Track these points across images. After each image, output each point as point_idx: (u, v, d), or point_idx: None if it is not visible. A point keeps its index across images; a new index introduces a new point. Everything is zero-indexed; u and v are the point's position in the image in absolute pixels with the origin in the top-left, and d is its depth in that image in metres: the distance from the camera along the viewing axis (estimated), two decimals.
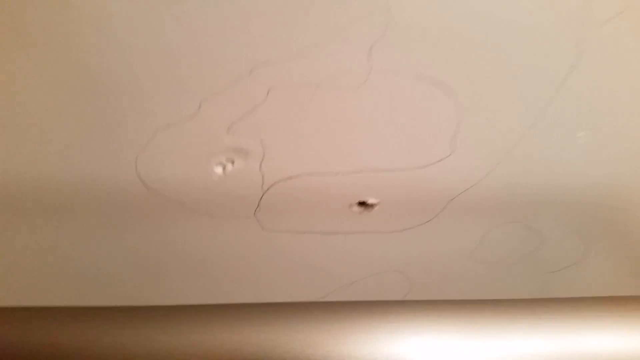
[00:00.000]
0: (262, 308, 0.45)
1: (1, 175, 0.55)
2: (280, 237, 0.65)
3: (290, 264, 0.69)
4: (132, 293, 0.70)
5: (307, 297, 0.75)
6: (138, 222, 0.60)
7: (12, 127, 0.50)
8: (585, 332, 0.44)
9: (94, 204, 0.58)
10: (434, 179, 0.58)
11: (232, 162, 0.54)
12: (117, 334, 0.43)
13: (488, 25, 0.44)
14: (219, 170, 0.55)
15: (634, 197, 0.63)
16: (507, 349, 0.43)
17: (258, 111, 0.48)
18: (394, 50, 0.44)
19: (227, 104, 0.47)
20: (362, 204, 0.61)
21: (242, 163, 0.54)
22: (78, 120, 0.49)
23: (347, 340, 0.42)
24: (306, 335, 0.43)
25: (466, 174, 0.58)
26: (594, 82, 0.49)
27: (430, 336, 0.43)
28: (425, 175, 0.57)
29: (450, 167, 0.56)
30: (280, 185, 0.57)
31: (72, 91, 0.47)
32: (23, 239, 0.64)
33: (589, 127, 0.53)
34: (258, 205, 0.60)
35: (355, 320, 0.43)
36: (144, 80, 0.46)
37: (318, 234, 0.65)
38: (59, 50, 0.43)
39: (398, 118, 0.50)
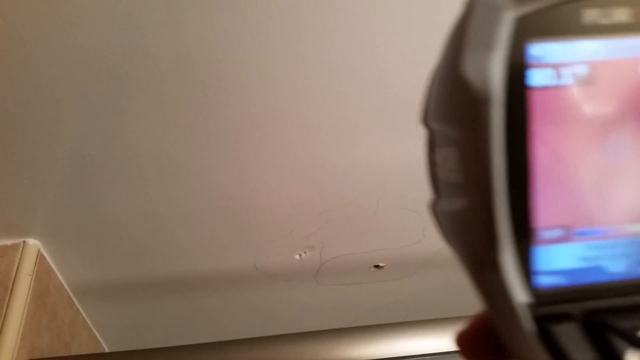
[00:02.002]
0: (318, 333, 0.89)
1: (156, 267, 0.99)
2: (329, 288, 1.10)
3: (334, 303, 1.14)
4: (242, 330, 1.14)
5: (344, 320, 1.20)
6: (250, 289, 1.05)
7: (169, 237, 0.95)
8: None
9: (225, 283, 1.03)
10: (415, 251, 1.03)
11: (305, 252, 0.99)
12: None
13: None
14: (297, 257, 1.00)
15: None
16: None
17: (321, 234, 0.94)
18: (394, 201, 0.90)
19: (308, 232, 0.92)
20: (376, 266, 1.06)
21: (310, 252, 0.99)
22: (224, 238, 0.94)
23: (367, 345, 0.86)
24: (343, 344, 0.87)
25: (432, 246, 1.03)
26: None
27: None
28: (410, 249, 1.03)
29: (423, 244, 1.02)
30: (330, 261, 1.02)
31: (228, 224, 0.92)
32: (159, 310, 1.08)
33: None
34: (317, 272, 1.05)
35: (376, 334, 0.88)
36: (272, 215, 0.91)
37: (351, 285, 1.10)
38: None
39: (392, 228, 0.96)
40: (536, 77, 0.21)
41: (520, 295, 0.21)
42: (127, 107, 0.65)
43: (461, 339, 0.24)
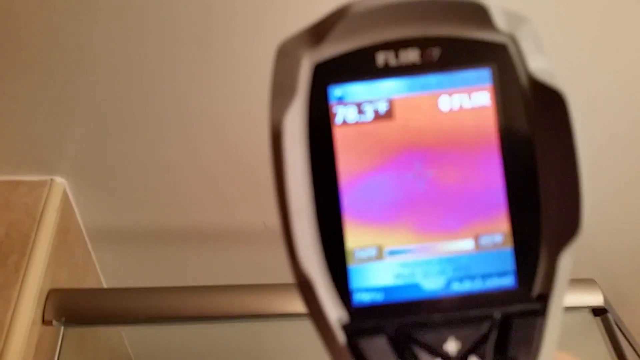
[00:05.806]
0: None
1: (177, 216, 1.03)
2: None
3: None
4: None
5: None
6: (258, 246, 1.09)
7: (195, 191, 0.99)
8: None
9: (234, 238, 1.07)
10: None
11: None
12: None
13: None
14: None
15: None
16: None
17: None
18: None
19: None
20: None
21: None
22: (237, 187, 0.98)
23: None
24: None
25: None
26: None
27: None
28: None
29: None
30: None
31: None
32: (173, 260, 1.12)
33: None
34: None
35: None
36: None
37: None
38: None
39: None
40: (339, 115, 0.24)
41: (333, 311, 0.23)
42: (176, 54, 0.68)
43: None
